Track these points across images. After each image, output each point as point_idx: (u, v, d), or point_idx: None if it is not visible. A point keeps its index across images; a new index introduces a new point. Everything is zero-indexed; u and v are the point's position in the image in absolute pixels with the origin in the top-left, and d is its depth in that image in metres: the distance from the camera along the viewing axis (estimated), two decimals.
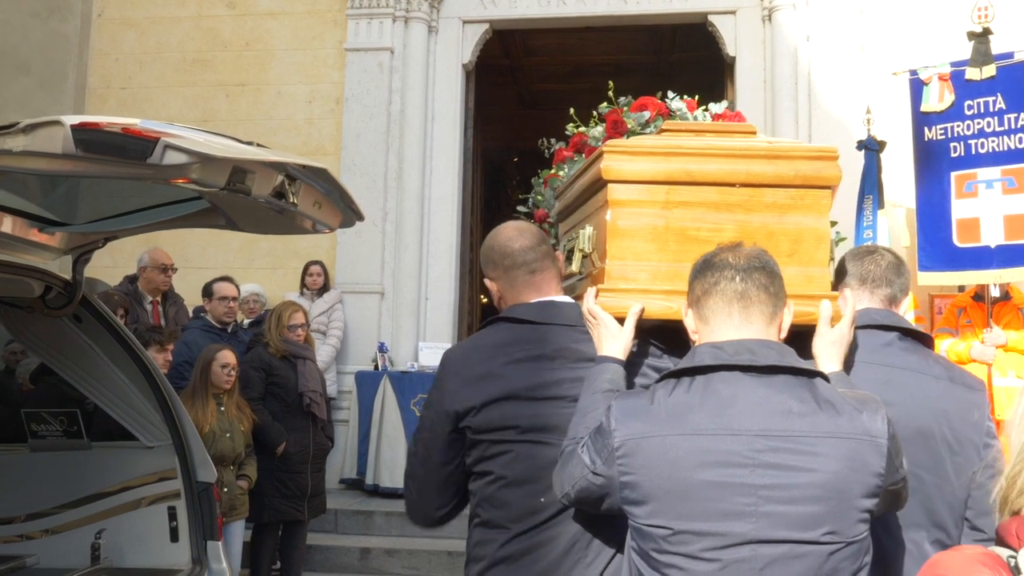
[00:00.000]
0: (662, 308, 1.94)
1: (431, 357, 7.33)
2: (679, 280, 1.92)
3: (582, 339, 2.05)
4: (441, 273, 7.83)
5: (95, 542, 3.63)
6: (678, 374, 1.66)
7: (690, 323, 1.76)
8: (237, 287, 5.91)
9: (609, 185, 2.09)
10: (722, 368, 1.61)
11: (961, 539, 1.95)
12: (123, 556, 3.67)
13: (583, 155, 2.93)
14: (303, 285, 7.30)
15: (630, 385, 1.93)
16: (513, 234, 2.23)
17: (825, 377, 1.66)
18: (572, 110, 3.60)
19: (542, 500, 1.94)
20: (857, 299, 2.16)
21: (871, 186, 6.20)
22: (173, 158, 2.14)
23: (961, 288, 6.25)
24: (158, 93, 8.22)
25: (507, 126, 11.68)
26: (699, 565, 1.54)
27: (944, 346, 5.91)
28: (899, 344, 2.09)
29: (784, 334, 1.72)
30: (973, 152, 5.89)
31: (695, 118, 2.96)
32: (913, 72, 6.18)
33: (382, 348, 7.42)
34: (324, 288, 7.33)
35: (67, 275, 3.51)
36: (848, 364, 1.99)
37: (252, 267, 7.66)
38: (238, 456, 4.79)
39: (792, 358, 1.64)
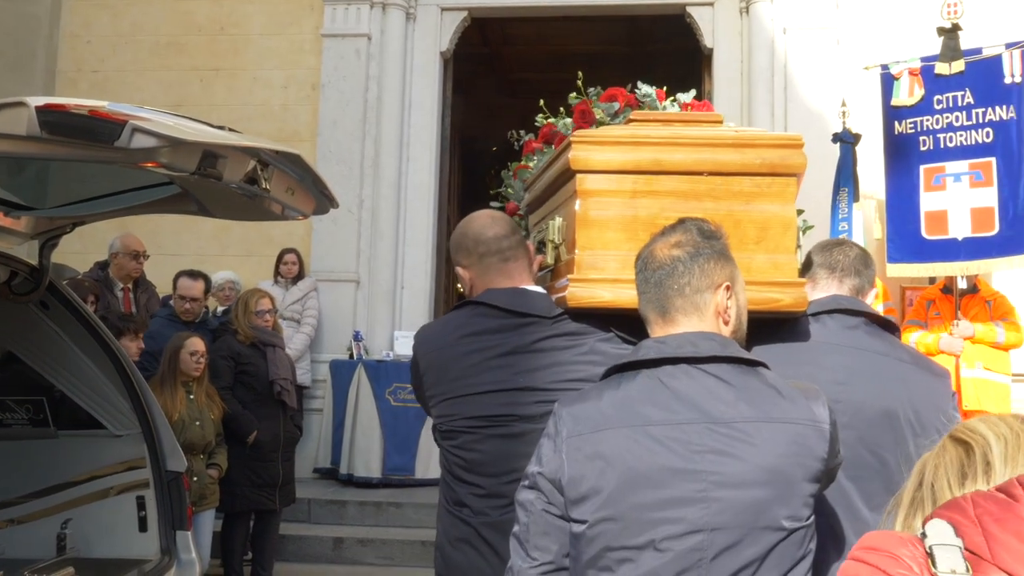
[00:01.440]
0: (632, 298, 1.85)
1: (407, 346, 7.27)
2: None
3: (547, 331, 2.05)
4: (417, 262, 7.80)
5: (61, 532, 3.59)
6: (623, 368, 1.66)
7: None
8: (207, 283, 5.79)
9: (578, 175, 2.09)
10: (666, 362, 1.61)
11: None
12: (90, 546, 3.64)
13: (552, 146, 2.95)
14: (277, 273, 7.25)
15: (592, 376, 1.91)
16: (487, 222, 2.23)
17: (766, 366, 1.65)
18: (542, 101, 3.54)
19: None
20: (826, 288, 2.22)
21: (846, 178, 6.24)
22: (141, 141, 2.11)
23: (931, 280, 6.32)
24: (131, 77, 8.10)
25: (485, 115, 11.64)
26: (650, 556, 1.52)
27: (913, 338, 5.98)
28: (865, 328, 2.14)
29: (732, 319, 1.70)
30: (942, 146, 5.97)
31: (664, 107, 2.93)
32: (884, 67, 6.24)
33: (357, 337, 7.38)
34: (299, 276, 7.28)
35: (34, 260, 3.46)
36: (816, 347, 2.05)
37: (226, 254, 7.58)
38: (208, 445, 4.75)
39: (734, 348, 1.64)
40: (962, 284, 5.91)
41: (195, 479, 4.58)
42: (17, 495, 3.70)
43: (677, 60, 9.44)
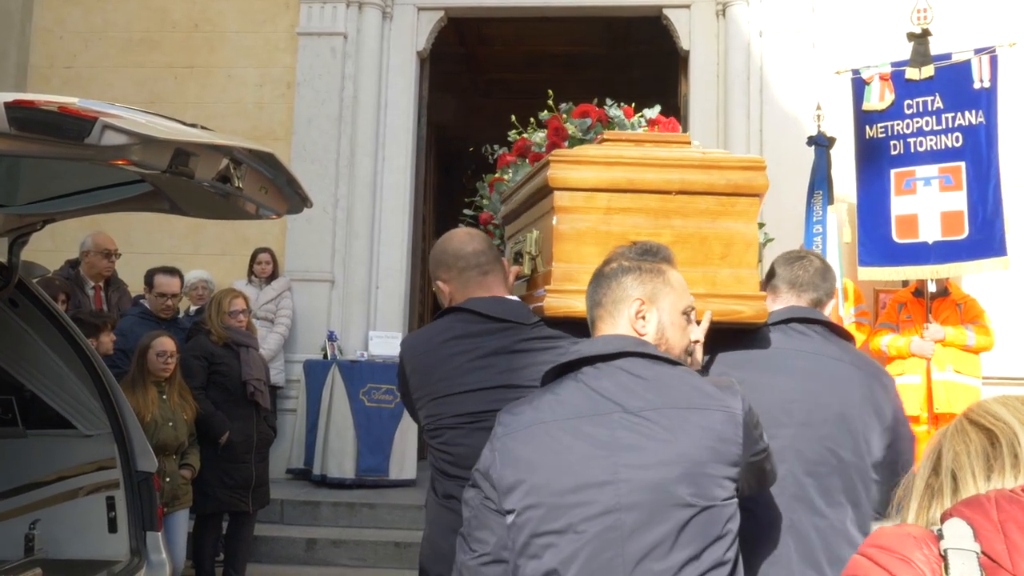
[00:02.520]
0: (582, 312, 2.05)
1: (381, 346, 7.28)
2: None
3: (525, 335, 2.23)
4: (392, 262, 7.78)
5: (29, 533, 3.55)
6: (556, 372, 1.82)
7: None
8: (181, 280, 5.75)
9: (555, 192, 2.23)
10: (584, 362, 1.78)
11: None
12: (59, 547, 3.60)
13: (526, 159, 3.05)
14: (251, 272, 7.21)
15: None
16: (465, 239, 2.41)
17: (679, 363, 1.81)
18: (514, 117, 3.60)
19: None
20: (786, 300, 2.42)
21: (820, 181, 6.29)
22: (112, 139, 2.10)
23: (904, 283, 6.40)
24: (104, 73, 8.02)
25: (461, 115, 11.64)
26: (570, 539, 1.63)
27: (885, 341, 6.04)
28: (821, 336, 2.31)
29: (649, 332, 1.84)
30: (912, 150, 6.04)
31: (632, 125, 3.01)
32: (855, 71, 6.32)
33: (331, 337, 7.36)
34: (273, 276, 7.24)
35: (3, 258, 3.42)
36: (776, 353, 2.25)
37: (199, 253, 7.53)
38: (181, 445, 4.70)
39: (648, 347, 1.79)
40: (932, 287, 5.98)
41: (167, 480, 4.55)
42: None
43: (654, 62, 9.49)
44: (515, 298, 2.36)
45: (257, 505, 5.29)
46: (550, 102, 3.25)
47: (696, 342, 1.94)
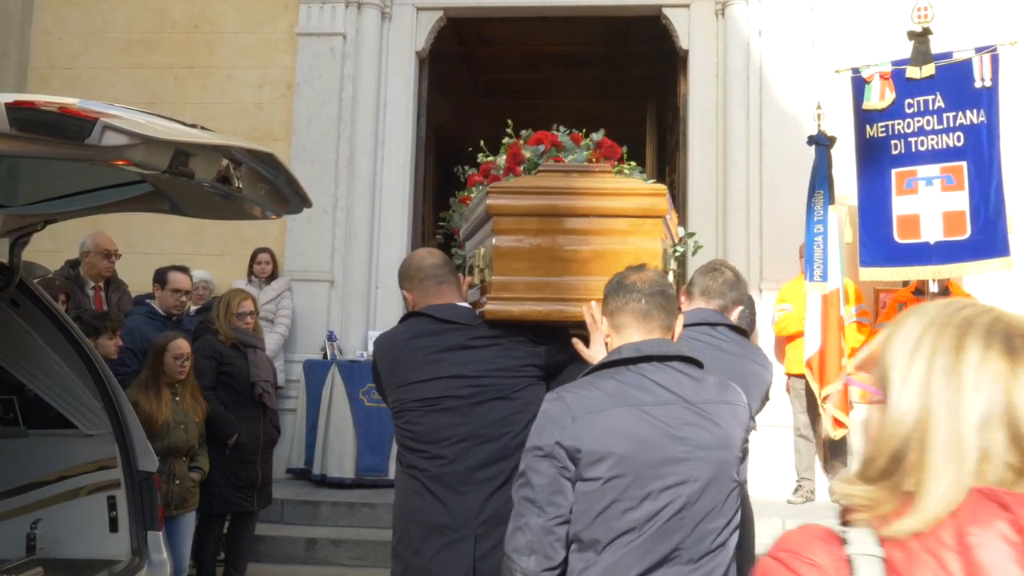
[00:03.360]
0: (534, 311, 2.60)
1: None
2: (548, 290, 2.62)
3: (472, 334, 2.67)
4: (392, 262, 7.76)
5: (31, 532, 3.55)
6: (608, 365, 2.15)
7: (605, 327, 2.25)
8: (191, 278, 5.77)
9: (494, 217, 2.68)
10: (642, 360, 2.12)
11: None
12: (60, 547, 3.60)
13: (488, 181, 3.35)
14: (251, 272, 7.21)
15: (506, 367, 2.62)
16: (425, 255, 2.94)
17: (702, 365, 2.20)
18: (482, 141, 3.86)
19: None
20: (696, 304, 2.97)
21: (821, 181, 6.27)
22: (112, 139, 2.11)
23: (905, 283, 6.39)
24: (104, 74, 8.02)
25: (461, 115, 11.64)
26: (649, 503, 2.00)
27: None
28: (724, 335, 2.85)
29: (676, 338, 2.22)
30: (913, 150, 6.01)
31: (583, 147, 3.38)
32: (855, 70, 6.30)
33: (331, 337, 7.36)
34: (272, 276, 7.24)
35: (4, 259, 3.43)
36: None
37: (199, 253, 7.53)
38: (191, 448, 4.68)
39: (694, 355, 2.18)
40: (933, 288, 5.95)
41: (177, 483, 4.54)
42: None
43: (653, 62, 9.50)
44: (465, 304, 2.82)
45: (261, 505, 5.30)
46: (508, 130, 3.61)
47: None
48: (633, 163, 3.56)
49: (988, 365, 1.05)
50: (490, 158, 3.54)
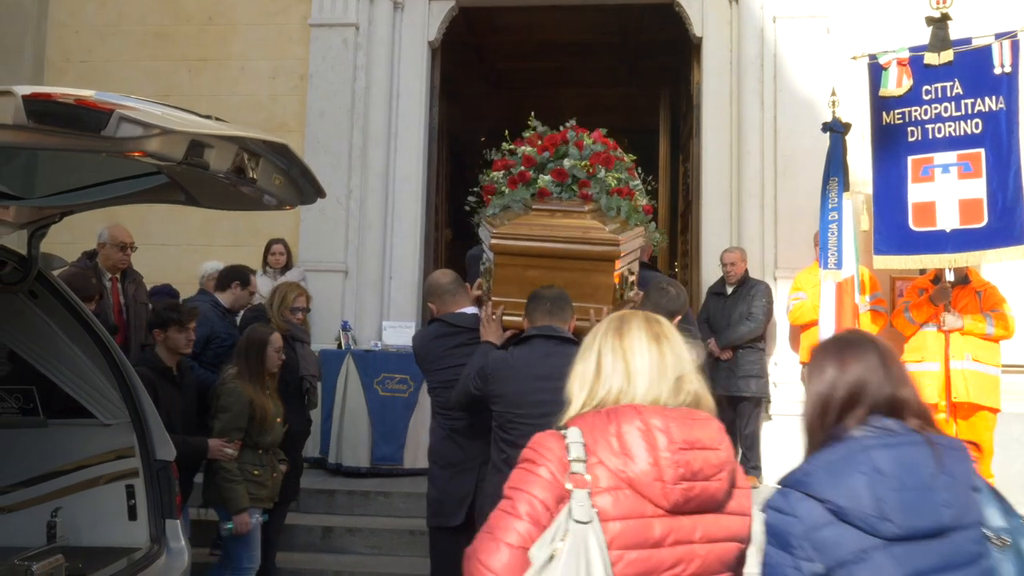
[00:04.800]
0: (517, 322, 3.68)
1: (395, 336, 7.31)
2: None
3: (470, 336, 3.83)
4: (405, 252, 7.80)
5: (51, 520, 3.60)
6: (518, 341, 3.49)
7: (525, 323, 3.53)
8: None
9: (495, 255, 3.80)
10: (540, 337, 3.41)
11: None
12: (80, 535, 3.64)
13: (510, 171, 4.09)
14: (265, 263, 7.24)
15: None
16: (441, 276, 4.17)
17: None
18: (506, 131, 4.43)
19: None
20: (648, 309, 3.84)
21: (836, 168, 6.20)
22: (128, 131, 2.12)
23: (922, 271, 6.33)
24: (119, 67, 8.06)
25: (473, 105, 11.63)
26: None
27: (908, 315, 6.02)
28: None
29: (571, 329, 3.46)
30: (930, 137, 5.94)
31: (585, 146, 4.06)
32: (872, 56, 6.23)
33: (345, 327, 7.38)
34: (287, 266, 7.27)
35: (23, 250, 3.46)
36: None
37: (214, 244, 7.56)
38: (282, 442, 4.74)
39: (569, 335, 3.39)
40: (950, 276, 5.87)
41: (275, 475, 4.63)
42: (7, 484, 3.70)
43: (666, 50, 9.45)
44: (472, 310, 3.97)
45: (293, 495, 5.38)
46: (531, 122, 4.24)
47: None
48: (632, 156, 4.24)
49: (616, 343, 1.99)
50: (510, 147, 4.18)
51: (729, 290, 6.82)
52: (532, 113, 4.30)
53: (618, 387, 1.90)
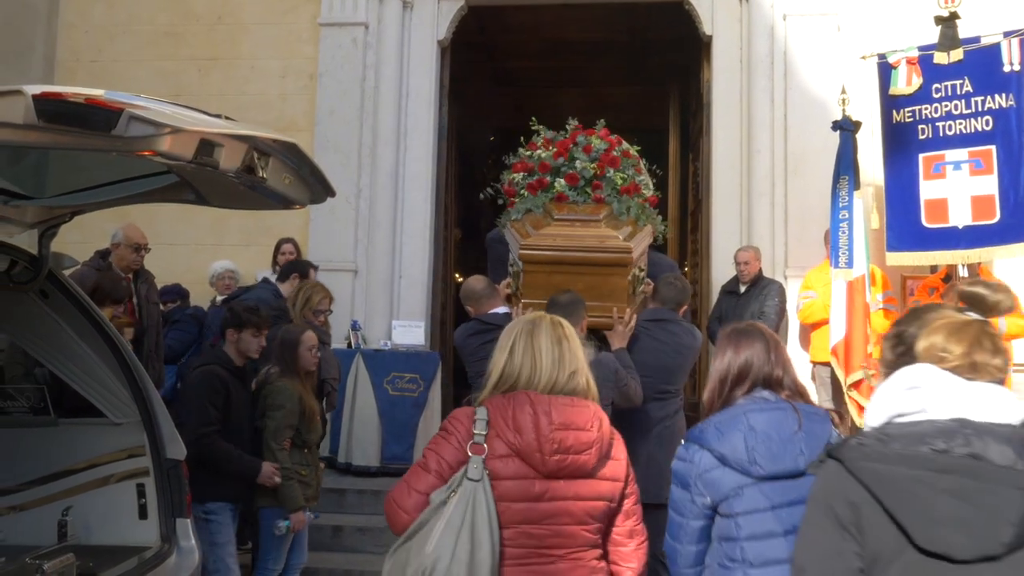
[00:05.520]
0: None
1: (404, 335, 7.31)
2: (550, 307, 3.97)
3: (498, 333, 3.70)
4: (415, 251, 7.80)
5: (62, 519, 3.61)
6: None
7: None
8: None
9: (524, 264, 4.33)
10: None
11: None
12: (91, 533, 3.66)
13: (529, 175, 4.63)
14: (275, 263, 7.24)
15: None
16: (475, 282, 4.66)
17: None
18: (522, 138, 4.92)
19: None
20: (657, 305, 4.61)
21: (846, 167, 6.19)
22: (138, 130, 2.12)
23: (933, 269, 6.32)
24: (128, 67, 8.08)
25: (482, 104, 11.63)
26: None
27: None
28: (671, 327, 4.52)
29: (583, 329, 3.87)
30: (941, 134, 5.95)
31: (592, 154, 4.56)
32: (881, 56, 6.23)
33: (355, 326, 7.39)
34: None
35: (34, 250, 3.47)
36: (635, 337, 4.41)
37: (224, 244, 7.58)
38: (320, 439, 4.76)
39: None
40: (963, 272, 5.88)
41: (318, 475, 4.65)
42: (18, 483, 3.72)
43: (675, 48, 9.42)
44: (503, 310, 4.47)
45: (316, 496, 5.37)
46: (535, 127, 4.81)
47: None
48: (637, 148, 4.73)
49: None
50: (527, 153, 4.69)
51: (742, 289, 6.80)
52: (534, 118, 4.80)
53: (527, 373, 2.40)
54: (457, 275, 10.55)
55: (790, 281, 6.99)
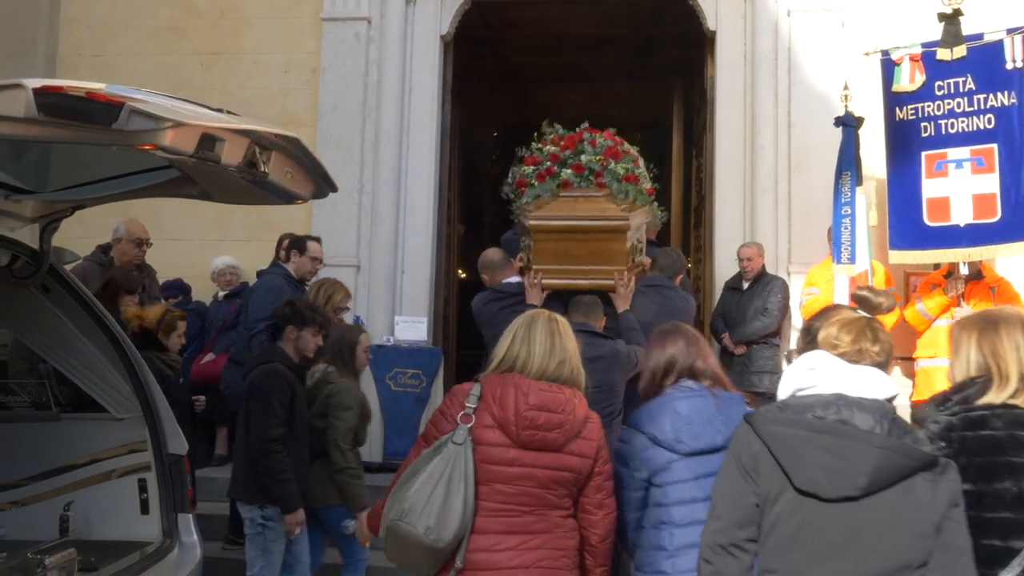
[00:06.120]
0: (554, 284, 4.72)
1: (407, 331, 7.30)
2: (562, 275, 4.70)
3: (512, 300, 4.72)
4: (417, 247, 7.78)
5: (64, 514, 3.61)
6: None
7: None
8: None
9: (533, 232, 4.72)
10: (578, 331, 3.22)
11: None
12: (92, 529, 3.66)
13: (537, 166, 4.99)
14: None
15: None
16: (492, 253, 5.08)
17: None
18: (535, 134, 5.23)
19: None
20: (656, 273, 5.06)
21: (848, 163, 6.19)
22: (139, 124, 2.12)
23: (936, 267, 6.31)
24: (131, 61, 8.07)
25: (485, 99, 11.60)
26: None
27: (921, 307, 6.04)
28: (666, 292, 4.92)
29: (601, 324, 4.47)
30: (943, 132, 5.95)
31: (597, 148, 4.91)
32: (885, 52, 6.23)
33: (357, 321, 7.38)
34: None
35: (35, 244, 3.46)
36: (640, 297, 4.79)
37: (227, 239, 7.58)
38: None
39: (598, 330, 4.37)
40: (964, 270, 5.89)
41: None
42: (20, 478, 3.73)
43: (679, 43, 9.40)
44: (516, 279, 4.86)
45: None
46: (544, 126, 5.20)
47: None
48: (636, 148, 5.09)
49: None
50: (532, 154, 5.05)
51: (745, 285, 6.79)
52: (547, 120, 5.22)
53: (523, 358, 2.82)
54: (460, 271, 10.54)
55: (793, 277, 6.97)
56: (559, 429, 2.74)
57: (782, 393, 2.32)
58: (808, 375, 2.27)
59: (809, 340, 2.48)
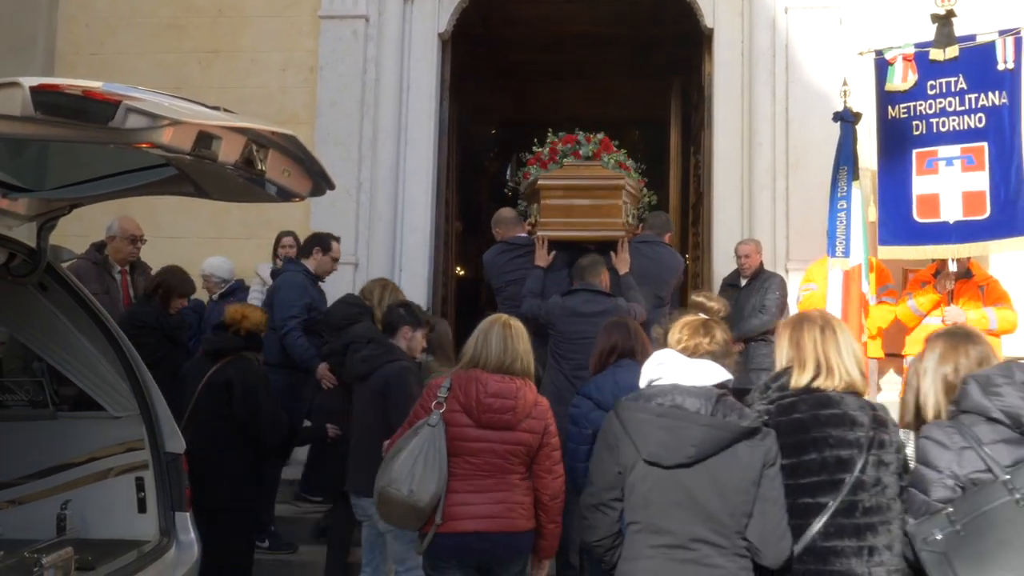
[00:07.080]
0: (559, 236, 5.78)
1: None
2: (566, 227, 5.81)
3: (521, 251, 5.82)
4: (416, 245, 7.79)
5: (61, 513, 3.60)
6: (565, 293, 5.40)
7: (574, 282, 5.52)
8: None
9: (542, 189, 5.82)
10: (582, 290, 5.28)
11: None
12: (89, 527, 3.65)
13: (543, 163, 6.04)
14: (275, 255, 7.23)
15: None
16: (505, 212, 6.15)
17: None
18: (536, 139, 6.23)
19: None
20: (647, 231, 5.99)
21: (846, 158, 6.22)
22: (136, 122, 2.12)
23: (933, 262, 6.34)
24: (130, 59, 8.06)
25: (484, 97, 11.59)
26: (571, 347, 5.33)
27: (912, 303, 6.06)
28: (656, 248, 5.84)
29: (606, 283, 5.41)
30: (934, 130, 6.02)
31: (592, 143, 6.00)
32: (878, 52, 6.29)
33: None
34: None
35: (32, 242, 3.46)
36: (636, 248, 5.77)
37: (224, 237, 7.57)
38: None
39: (600, 288, 5.34)
40: (953, 267, 5.93)
41: None
42: (17, 476, 3.72)
43: (677, 42, 9.39)
44: (523, 234, 5.88)
45: None
46: (548, 137, 6.15)
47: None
48: (624, 150, 6.16)
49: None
50: (539, 152, 6.05)
51: (743, 282, 6.78)
52: (551, 129, 6.19)
53: (483, 356, 3.52)
54: (459, 268, 10.54)
55: (791, 274, 6.98)
56: (511, 412, 3.42)
57: (641, 383, 2.82)
58: (657, 368, 2.80)
59: (664, 340, 3.02)
